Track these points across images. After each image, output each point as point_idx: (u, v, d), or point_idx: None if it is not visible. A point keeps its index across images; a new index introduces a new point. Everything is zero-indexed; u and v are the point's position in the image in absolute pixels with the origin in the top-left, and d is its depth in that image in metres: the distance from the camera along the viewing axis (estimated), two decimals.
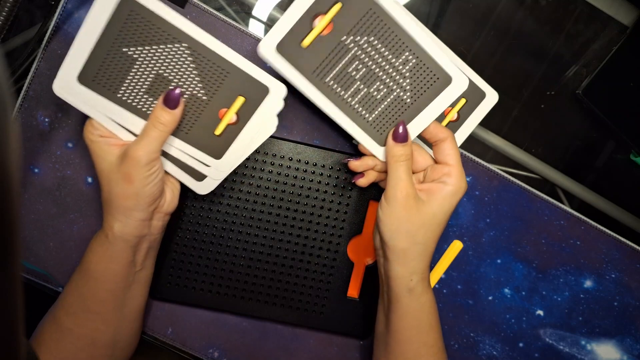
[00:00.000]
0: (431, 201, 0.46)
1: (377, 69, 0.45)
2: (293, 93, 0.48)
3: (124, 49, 0.43)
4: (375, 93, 0.46)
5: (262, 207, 0.54)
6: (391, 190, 0.46)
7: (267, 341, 0.57)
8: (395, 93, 0.46)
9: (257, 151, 0.53)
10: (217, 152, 0.48)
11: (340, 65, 0.45)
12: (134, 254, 0.46)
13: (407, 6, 0.54)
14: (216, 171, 0.49)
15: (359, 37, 0.44)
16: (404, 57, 0.45)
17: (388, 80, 0.46)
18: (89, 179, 0.55)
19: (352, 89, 0.46)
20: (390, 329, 0.48)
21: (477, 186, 0.57)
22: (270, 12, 0.56)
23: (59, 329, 0.47)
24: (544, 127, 0.58)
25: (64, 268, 0.55)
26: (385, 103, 0.47)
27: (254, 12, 0.56)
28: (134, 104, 0.45)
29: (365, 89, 0.46)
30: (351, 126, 0.47)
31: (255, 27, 0.57)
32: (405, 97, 0.47)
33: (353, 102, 0.46)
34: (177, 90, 0.44)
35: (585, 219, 0.57)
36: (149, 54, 0.44)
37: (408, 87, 0.46)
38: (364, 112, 0.47)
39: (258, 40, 0.54)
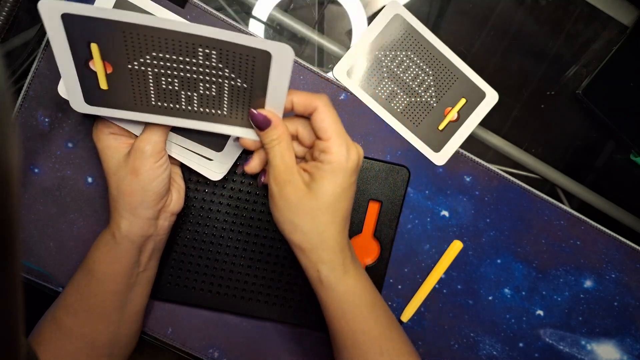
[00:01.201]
0: (311, 184, 0.42)
1: (188, 73, 0.41)
2: None
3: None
4: (208, 92, 0.43)
5: (262, 207, 0.54)
6: (269, 180, 0.43)
7: (267, 341, 0.57)
8: (227, 84, 0.42)
9: None
10: (219, 144, 0.50)
11: (151, 86, 0.42)
12: (139, 254, 0.47)
13: (407, 6, 0.54)
14: (217, 169, 0.50)
15: (141, 59, 0.40)
16: (201, 53, 0.40)
17: (207, 77, 0.42)
18: (89, 179, 0.55)
19: (183, 98, 0.43)
20: (325, 320, 0.47)
21: (477, 186, 0.57)
22: (270, 12, 0.56)
23: (59, 328, 0.47)
24: (544, 127, 0.58)
25: (63, 268, 0.55)
26: (226, 96, 0.43)
27: (254, 12, 0.56)
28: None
29: (196, 93, 0.43)
30: (210, 126, 0.45)
31: (255, 27, 0.57)
32: (239, 84, 0.42)
33: (195, 108, 0.44)
34: None
35: (585, 219, 0.57)
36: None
37: (233, 75, 0.41)
38: (212, 110, 0.44)
39: None
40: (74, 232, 0.55)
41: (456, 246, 0.57)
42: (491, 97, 0.55)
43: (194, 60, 0.41)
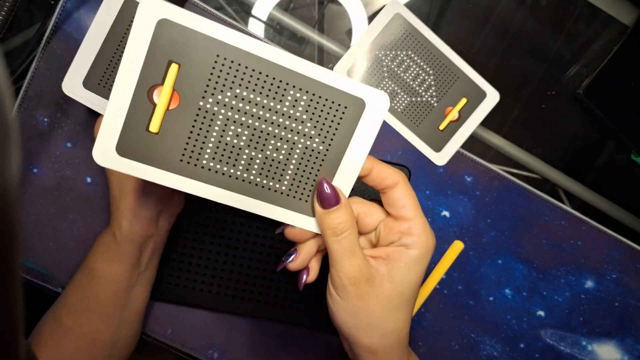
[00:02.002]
0: (393, 274, 0.35)
1: (264, 124, 0.33)
2: None
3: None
4: (275, 155, 0.34)
5: None
6: (336, 276, 0.35)
7: (267, 341, 0.56)
8: (300, 146, 0.34)
9: None
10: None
11: (213, 137, 0.33)
12: (139, 254, 0.47)
13: (408, 5, 0.54)
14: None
15: (220, 96, 0.32)
16: (290, 97, 0.33)
17: (284, 132, 0.34)
18: (89, 179, 0.55)
19: (243, 161, 0.34)
20: None
21: (478, 186, 0.56)
22: (270, 11, 0.56)
23: (59, 328, 0.47)
24: (544, 127, 0.58)
25: (63, 268, 0.55)
26: (294, 162, 0.35)
27: (253, 12, 0.56)
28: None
29: (260, 154, 0.34)
30: (262, 207, 0.35)
31: (255, 27, 0.56)
32: (315, 146, 0.35)
33: (252, 177, 0.35)
34: None
35: (586, 219, 0.57)
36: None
37: (314, 133, 0.34)
38: (270, 183, 0.35)
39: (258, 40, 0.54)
40: (74, 232, 0.55)
41: (457, 246, 0.56)
42: (492, 97, 0.55)
43: (278, 106, 0.33)
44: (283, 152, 0.34)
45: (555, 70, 0.58)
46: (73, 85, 0.46)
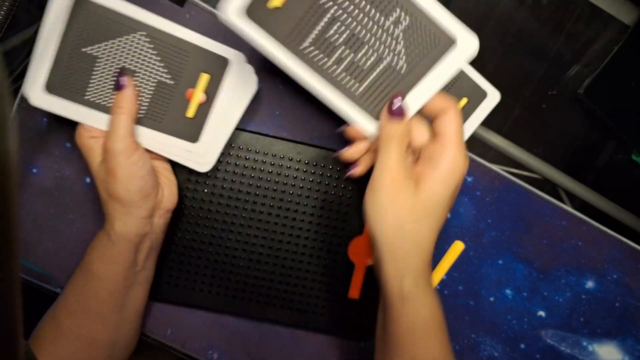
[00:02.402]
0: (422, 187, 0.40)
1: (364, 32, 0.39)
2: (288, 82, 0.48)
3: (82, 49, 0.44)
4: (363, 61, 0.40)
5: (261, 208, 0.54)
6: (377, 173, 0.40)
7: (267, 343, 0.56)
8: (387, 60, 0.40)
9: (256, 151, 0.53)
10: (193, 135, 0.48)
11: (319, 28, 0.39)
12: (136, 253, 0.46)
13: None
14: (199, 154, 0.48)
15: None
16: (394, 16, 0.38)
17: (378, 45, 0.39)
18: (88, 179, 0.54)
19: (335, 56, 0.39)
20: (386, 334, 0.44)
21: (478, 186, 0.56)
22: None
23: (58, 329, 0.47)
24: (545, 126, 0.58)
25: (63, 268, 0.55)
26: (376, 72, 0.40)
27: None
28: (103, 103, 0.45)
29: (351, 56, 0.39)
30: (336, 98, 0.41)
31: None
32: (399, 64, 0.40)
33: (337, 71, 0.40)
34: (121, 73, 0.45)
35: (587, 219, 0.57)
36: (109, 49, 0.44)
37: (403, 53, 0.39)
38: (351, 82, 0.40)
39: None
40: (73, 232, 0.55)
41: (457, 247, 0.56)
42: (493, 97, 0.55)
43: (382, 20, 0.39)
44: (370, 61, 0.40)
45: (556, 70, 0.58)
46: (36, 94, 0.44)
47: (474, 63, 0.55)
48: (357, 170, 0.45)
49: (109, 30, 0.43)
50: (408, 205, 0.39)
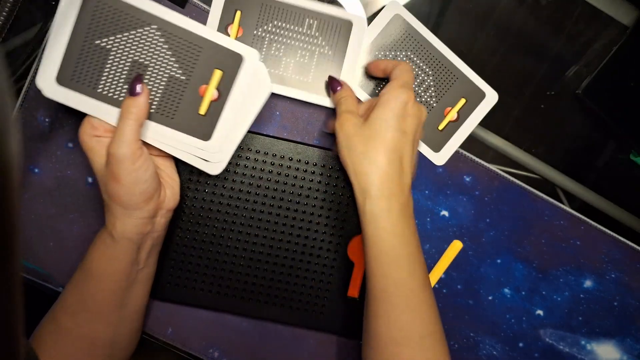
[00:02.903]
0: (369, 117, 0.47)
1: (293, 41, 0.52)
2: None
3: (96, 42, 0.43)
4: (302, 59, 0.52)
5: (262, 207, 0.54)
6: (335, 123, 0.49)
7: (267, 341, 0.57)
8: (317, 52, 0.52)
9: (257, 151, 0.53)
10: (205, 133, 0.47)
11: (263, 51, 0.52)
12: (137, 252, 0.46)
13: (407, 6, 0.54)
14: (211, 153, 0.47)
15: (265, 26, 0.51)
16: (307, 23, 0.52)
17: (306, 45, 0.52)
18: (89, 179, 0.55)
19: (283, 64, 0.52)
20: (364, 261, 0.48)
21: (478, 186, 0.57)
22: None
23: (59, 329, 0.47)
24: (544, 127, 0.58)
25: (63, 268, 0.55)
26: (314, 63, 0.52)
27: None
28: (115, 96, 0.44)
29: (293, 60, 0.52)
30: (300, 93, 0.53)
31: None
32: (325, 51, 0.52)
33: (289, 74, 0.52)
34: (136, 77, 0.44)
35: (586, 219, 0.57)
36: (122, 42, 0.43)
37: (324, 43, 0.52)
38: (302, 78, 0.52)
39: None
40: (74, 232, 0.55)
41: (456, 246, 0.57)
42: (491, 97, 0.55)
43: (300, 29, 0.51)
44: (307, 57, 0.52)
45: (555, 71, 0.58)
46: (47, 85, 0.44)
47: (473, 63, 0.55)
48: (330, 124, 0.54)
49: (121, 22, 0.43)
50: (358, 131, 0.47)
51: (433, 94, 0.55)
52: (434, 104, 0.55)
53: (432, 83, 0.55)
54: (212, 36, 0.45)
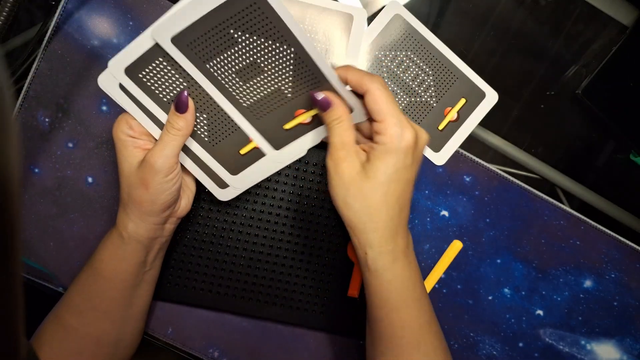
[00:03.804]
0: (367, 164, 0.42)
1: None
2: None
3: (231, 30, 0.42)
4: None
5: (262, 207, 0.54)
6: (327, 157, 0.43)
7: (268, 341, 0.57)
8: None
9: None
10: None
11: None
12: (146, 254, 0.47)
13: (407, 6, 0.54)
14: (227, 191, 0.49)
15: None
16: (307, 19, 0.49)
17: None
18: (89, 179, 0.55)
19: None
20: (367, 309, 0.46)
21: (477, 186, 0.57)
22: None
23: (63, 328, 0.47)
24: (543, 127, 0.58)
25: (64, 268, 0.55)
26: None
27: None
28: (219, 78, 0.44)
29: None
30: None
31: None
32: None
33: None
34: (185, 93, 0.44)
35: (585, 219, 0.57)
36: (254, 43, 0.43)
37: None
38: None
39: None
40: (74, 232, 0.55)
41: (456, 246, 0.57)
42: (491, 97, 0.55)
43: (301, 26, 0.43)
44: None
45: (555, 71, 0.58)
46: (160, 36, 0.42)
47: (473, 63, 0.55)
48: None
49: (264, 29, 0.42)
50: (356, 183, 0.42)
51: (433, 94, 0.55)
52: (434, 104, 0.55)
53: (432, 83, 0.55)
54: (333, 80, 0.43)
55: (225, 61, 0.44)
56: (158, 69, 0.44)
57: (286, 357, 0.57)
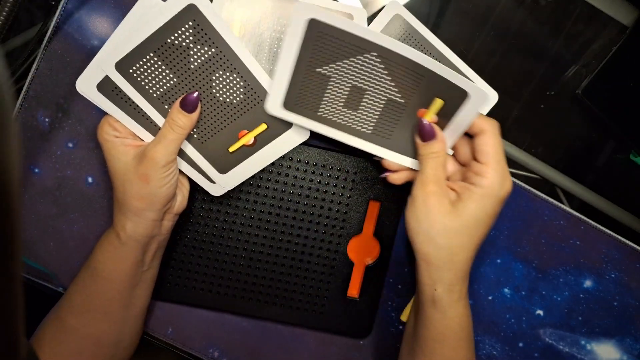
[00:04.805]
0: (458, 203, 0.42)
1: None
2: None
3: (317, 69, 0.44)
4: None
5: (262, 207, 0.54)
6: (415, 187, 0.43)
7: (267, 341, 0.57)
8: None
9: None
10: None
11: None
12: (143, 253, 0.47)
13: (407, 6, 0.54)
14: (218, 186, 0.51)
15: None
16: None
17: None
18: (89, 179, 0.55)
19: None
20: (415, 335, 0.47)
21: None
22: None
23: (63, 329, 0.47)
24: (543, 127, 0.58)
25: (64, 268, 0.55)
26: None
27: None
28: (334, 119, 0.47)
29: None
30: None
31: None
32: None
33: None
34: (195, 94, 0.45)
35: (585, 219, 0.57)
36: (342, 69, 0.44)
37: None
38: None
39: None
40: (74, 232, 0.55)
41: None
42: (490, 97, 0.55)
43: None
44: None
45: (555, 71, 0.58)
46: (274, 108, 0.46)
47: (473, 64, 0.55)
48: (392, 176, 0.48)
49: (341, 50, 0.43)
50: (443, 219, 0.41)
51: None
52: None
53: None
54: (433, 66, 0.43)
55: (330, 99, 0.46)
56: (149, 63, 0.45)
57: (286, 357, 0.57)
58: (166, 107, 0.47)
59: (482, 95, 0.43)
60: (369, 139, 0.47)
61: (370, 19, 0.54)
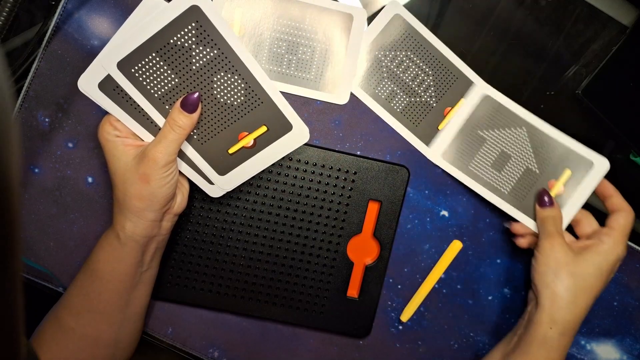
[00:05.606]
0: (583, 254, 0.49)
1: (294, 38, 0.52)
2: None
3: (478, 131, 0.54)
4: (304, 56, 0.53)
5: (262, 207, 0.54)
6: (541, 240, 0.50)
7: (267, 341, 0.57)
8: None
9: None
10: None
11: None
12: (142, 254, 0.47)
13: (407, 6, 0.54)
14: (217, 187, 0.51)
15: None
16: (307, 19, 0.52)
17: (306, 41, 0.52)
18: (89, 179, 0.55)
19: (285, 61, 0.52)
20: None
21: None
22: None
23: (62, 329, 0.47)
24: None
25: (64, 268, 0.55)
26: (315, 59, 0.53)
27: None
28: (482, 176, 0.54)
29: (295, 57, 0.52)
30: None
31: None
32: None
33: (293, 72, 0.52)
34: (196, 95, 0.45)
35: None
36: (497, 135, 0.54)
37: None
38: (303, 74, 0.53)
39: None
40: (74, 232, 0.55)
41: (456, 246, 0.57)
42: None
43: (300, 25, 0.51)
44: (308, 54, 0.53)
45: (555, 71, 0.58)
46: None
47: (473, 64, 0.55)
48: (519, 240, 0.54)
49: (501, 121, 0.54)
50: (569, 266, 0.48)
51: (433, 94, 0.55)
52: (434, 104, 0.55)
53: (432, 83, 0.55)
54: (567, 142, 0.53)
55: (482, 159, 0.54)
56: (151, 63, 0.45)
57: (286, 357, 0.57)
58: (167, 107, 0.47)
59: (605, 164, 0.53)
60: (506, 199, 0.54)
61: (370, 19, 0.54)
